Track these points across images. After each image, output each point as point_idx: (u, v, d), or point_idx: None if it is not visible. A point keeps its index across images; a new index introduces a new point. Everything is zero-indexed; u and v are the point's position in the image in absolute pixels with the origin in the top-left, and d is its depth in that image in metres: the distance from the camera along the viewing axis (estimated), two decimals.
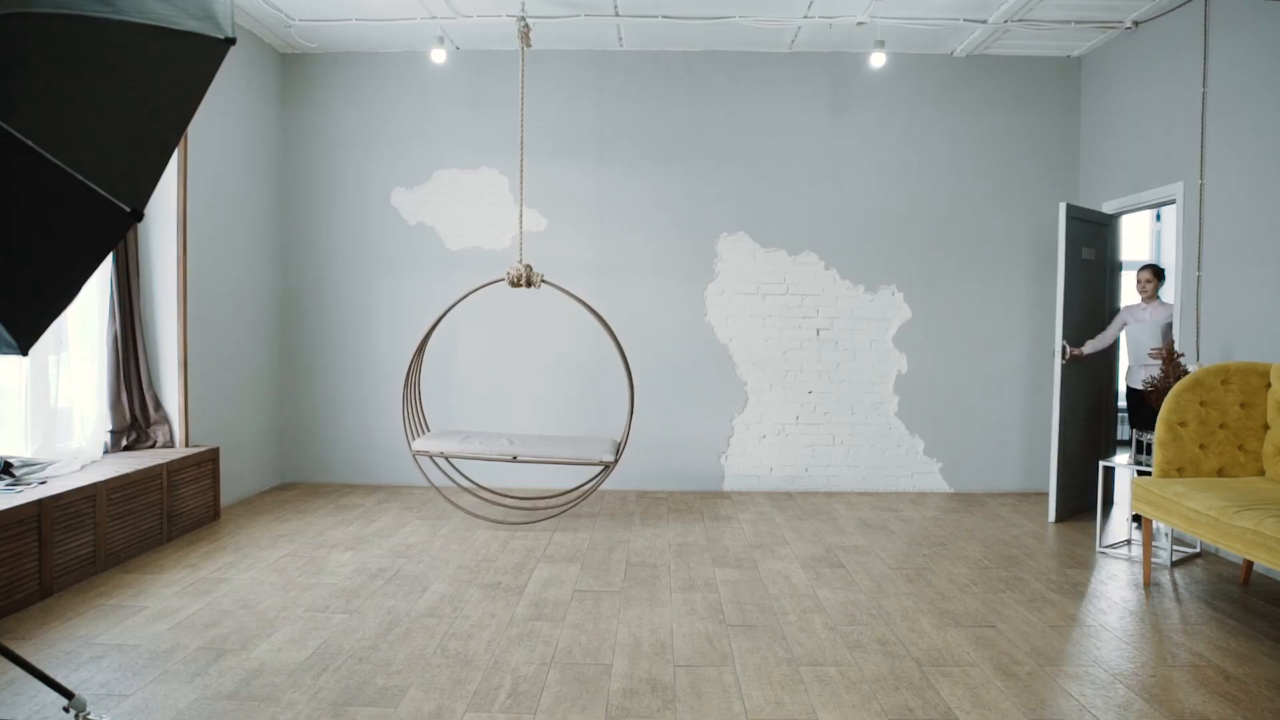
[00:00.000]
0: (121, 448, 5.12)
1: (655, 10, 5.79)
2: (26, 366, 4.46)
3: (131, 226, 2.12)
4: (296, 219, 6.70)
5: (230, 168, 5.96)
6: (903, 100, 6.60)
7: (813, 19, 5.87)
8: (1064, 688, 3.06)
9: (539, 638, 3.52)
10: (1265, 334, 4.55)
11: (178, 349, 5.37)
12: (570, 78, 6.61)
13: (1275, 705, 2.93)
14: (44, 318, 2.16)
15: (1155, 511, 4.09)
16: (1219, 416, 4.31)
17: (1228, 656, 3.36)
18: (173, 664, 3.20)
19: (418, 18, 5.90)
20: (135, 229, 5.19)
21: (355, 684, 3.04)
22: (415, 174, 6.66)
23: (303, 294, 6.70)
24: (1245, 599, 4.08)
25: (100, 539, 4.27)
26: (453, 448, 5.13)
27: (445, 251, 6.65)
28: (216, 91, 5.48)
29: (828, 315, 6.61)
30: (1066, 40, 6.23)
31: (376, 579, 4.29)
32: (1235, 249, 4.82)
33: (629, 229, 6.62)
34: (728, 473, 6.65)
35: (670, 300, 6.66)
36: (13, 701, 2.84)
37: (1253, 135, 4.70)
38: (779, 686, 3.06)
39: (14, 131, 1.86)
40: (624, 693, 2.99)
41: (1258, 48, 4.68)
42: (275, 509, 5.83)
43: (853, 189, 6.61)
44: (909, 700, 2.95)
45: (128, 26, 1.96)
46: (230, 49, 2.12)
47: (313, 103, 6.67)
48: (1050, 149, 6.60)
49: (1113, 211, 6.13)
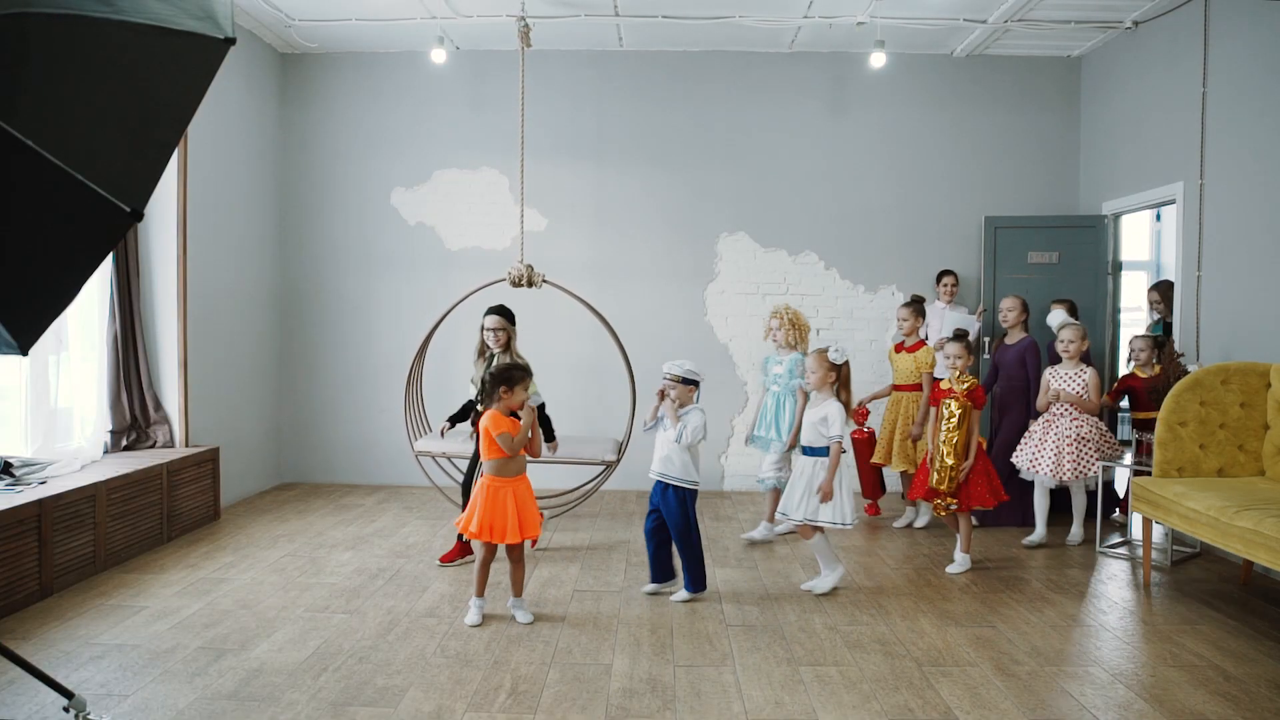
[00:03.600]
0: (121, 448, 5.12)
1: (655, 10, 5.79)
2: (26, 366, 4.46)
3: (131, 226, 2.12)
4: (296, 219, 6.70)
5: (230, 168, 5.96)
6: (903, 100, 6.60)
7: (813, 19, 5.87)
8: (1064, 688, 3.06)
9: (539, 638, 3.52)
10: (1265, 334, 4.55)
11: (178, 349, 5.36)
12: (570, 78, 6.61)
13: (1275, 705, 2.93)
14: (44, 318, 2.16)
15: (1155, 511, 4.09)
16: (1219, 416, 4.31)
17: (1228, 656, 3.36)
18: (173, 664, 3.20)
19: (418, 18, 5.90)
20: (135, 229, 5.19)
21: (355, 684, 3.04)
22: (415, 174, 6.66)
23: (303, 294, 6.70)
24: (1245, 599, 4.08)
25: (100, 539, 4.27)
26: (455, 448, 5.13)
27: (445, 251, 6.65)
28: (216, 91, 5.48)
29: (828, 315, 6.61)
30: (1066, 40, 6.22)
31: (376, 579, 4.29)
32: (1235, 249, 4.82)
33: (629, 229, 6.62)
34: (728, 473, 6.65)
35: (670, 300, 6.66)
36: (13, 701, 2.84)
37: (1253, 135, 4.70)
38: (779, 686, 3.06)
39: (14, 132, 1.86)
40: (624, 692, 2.99)
41: (1258, 48, 4.68)
42: (275, 509, 5.83)
43: (853, 189, 6.61)
44: (909, 700, 2.95)
45: (128, 26, 1.96)
46: (230, 49, 2.12)
47: (313, 103, 6.67)
48: (1050, 149, 6.60)
49: (1112, 211, 6.14)
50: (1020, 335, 5.36)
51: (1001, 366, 5.39)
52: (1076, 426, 4.87)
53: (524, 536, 3.63)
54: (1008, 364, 5.35)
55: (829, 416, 4.02)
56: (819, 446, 4.06)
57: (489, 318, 4.64)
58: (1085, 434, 4.86)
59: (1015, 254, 6.21)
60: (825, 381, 4.09)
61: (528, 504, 3.69)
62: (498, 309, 4.66)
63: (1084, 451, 4.84)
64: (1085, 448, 4.85)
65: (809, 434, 4.10)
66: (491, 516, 3.60)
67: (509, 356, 4.54)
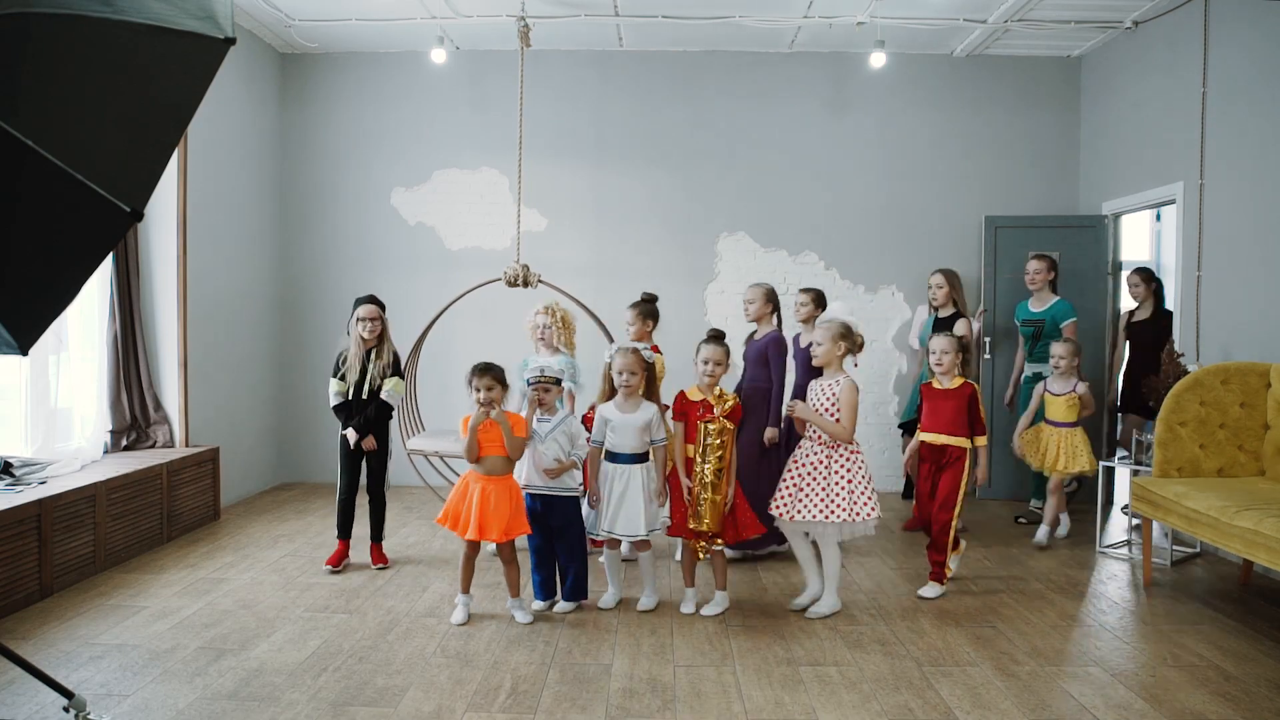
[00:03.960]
0: (121, 448, 5.12)
1: (655, 10, 5.79)
2: (26, 366, 4.46)
3: (131, 226, 2.12)
4: (296, 219, 6.70)
5: (230, 168, 5.96)
6: (903, 100, 6.60)
7: (813, 19, 5.87)
8: (1064, 688, 3.06)
9: (539, 637, 3.52)
10: (1265, 334, 4.55)
11: (177, 349, 5.36)
12: (570, 78, 6.61)
13: (1275, 705, 2.93)
14: (44, 318, 2.16)
15: (1155, 511, 4.09)
16: (1219, 416, 4.31)
17: (1228, 656, 3.36)
18: (173, 664, 3.20)
19: (418, 18, 5.90)
20: (135, 229, 5.19)
21: (355, 684, 3.04)
22: (415, 174, 6.66)
23: (303, 294, 6.69)
24: (1245, 599, 4.08)
25: (100, 539, 4.27)
26: (448, 447, 5.12)
27: (445, 251, 6.65)
28: (216, 91, 5.47)
29: (828, 315, 6.60)
30: (1066, 40, 6.22)
31: (376, 579, 4.29)
32: (1235, 249, 4.82)
33: (629, 229, 6.62)
34: None
35: (670, 300, 6.63)
36: (13, 701, 2.84)
37: (1253, 135, 4.70)
38: (779, 686, 3.06)
39: (14, 132, 1.86)
40: (624, 692, 2.99)
41: (1258, 48, 4.68)
42: (275, 509, 5.83)
43: (853, 189, 6.61)
44: (909, 700, 2.95)
45: (128, 26, 1.96)
46: (230, 49, 2.12)
47: (313, 103, 6.67)
48: (1050, 149, 6.60)
49: (1112, 211, 6.14)
50: (769, 329, 4.62)
51: (746, 365, 4.67)
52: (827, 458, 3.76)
53: (493, 538, 3.58)
54: (750, 362, 4.63)
55: (653, 421, 3.72)
56: (642, 452, 3.73)
57: (364, 307, 4.35)
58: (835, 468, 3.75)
59: (1015, 254, 6.21)
60: (642, 385, 3.74)
61: (504, 503, 3.60)
62: (370, 298, 4.43)
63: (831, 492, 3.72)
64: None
65: (632, 440, 3.70)
66: (458, 507, 3.64)
67: (385, 348, 4.40)
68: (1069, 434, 4.92)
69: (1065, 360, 4.95)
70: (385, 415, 4.48)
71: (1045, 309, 5.55)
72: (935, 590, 4.06)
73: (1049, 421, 5.01)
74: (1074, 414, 4.94)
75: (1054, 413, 4.99)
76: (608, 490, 3.73)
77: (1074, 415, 4.94)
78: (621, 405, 3.76)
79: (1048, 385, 5.05)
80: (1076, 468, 4.88)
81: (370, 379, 4.37)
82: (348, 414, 4.40)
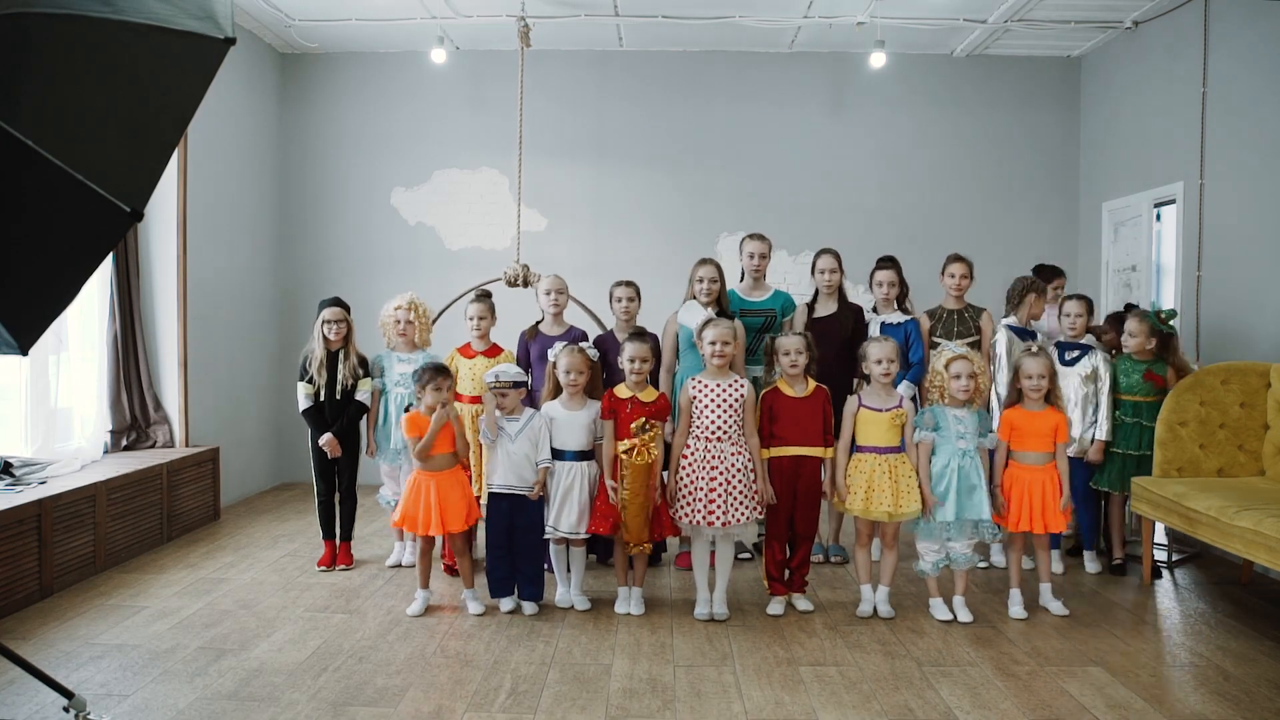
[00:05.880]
0: (121, 448, 5.12)
1: (655, 10, 5.80)
2: (26, 366, 4.45)
3: (131, 226, 2.12)
4: (296, 219, 6.70)
5: (230, 168, 5.96)
6: (903, 100, 6.60)
7: (813, 19, 5.87)
8: (1064, 688, 3.06)
9: (539, 637, 3.52)
10: (1265, 334, 4.55)
11: (177, 349, 5.37)
12: (570, 78, 6.61)
13: (1275, 705, 2.93)
14: (44, 318, 2.16)
15: (1155, 511, 4.09)
16: (1219, 416, 4.31)
17: (1228, 656, 3.36)
18: (173, 664, 3.20)
19: (418, 18, 5.90)
20: (135, 229, 5.18)
21: (355, 684, 3.04)
22: (415, 174, 6.66)
23: (303, 294, 6.68)
24: (1245, 599, 4.08)
25: (100, 539, 4.27)
26: None
27: (445, 251, 6.65)
28: (216, 91, 5.45)
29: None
30: (1066, 40, 6.23)
31: (376, 579, 4.29)
32: (1235, 249, 4.82)
33: (629, 229, 6.62)
34: None
35: (670, 300, 6.63)
36: (13, 701, 2.84)
37: (1253, 135, 4.70)
38: (779, 686, 3.06)
39: (14, 132, 1.86)
40: (624, 692, 2.99)
41: (1258, 48, 4.68)
42: (275, 509, 5.83)
43: (853, 189, 6.61)
44: (909, 700, 2.95)
45: (128, 26, 1.96)
46: (230, 49, 2.12)
47: (313, 103, 6.67)
48: (1050, 149, 6.60)
49: (1112, 211, 6.13)
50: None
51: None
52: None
53: (458, 527, 3.76)
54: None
55: (598, 419, 3.79)
56: (587, 450, 3.81)
57: (329, 309, 4.32)
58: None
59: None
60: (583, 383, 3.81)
61: (457, 495, 3.77)
62: (336, 300, 4.41)
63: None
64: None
65: (578, 437, 3.78)
66: (414, 508, 3.76)
67: (350, 351, 4.39)
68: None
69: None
70: (360, 416, 4.51)
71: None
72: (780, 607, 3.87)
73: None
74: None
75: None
76: (554, 487, 3.79)
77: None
78: (567, 403, 3.84)
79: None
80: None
81: (341, 380, 4.37)
82: (319, 416, 4.40)
